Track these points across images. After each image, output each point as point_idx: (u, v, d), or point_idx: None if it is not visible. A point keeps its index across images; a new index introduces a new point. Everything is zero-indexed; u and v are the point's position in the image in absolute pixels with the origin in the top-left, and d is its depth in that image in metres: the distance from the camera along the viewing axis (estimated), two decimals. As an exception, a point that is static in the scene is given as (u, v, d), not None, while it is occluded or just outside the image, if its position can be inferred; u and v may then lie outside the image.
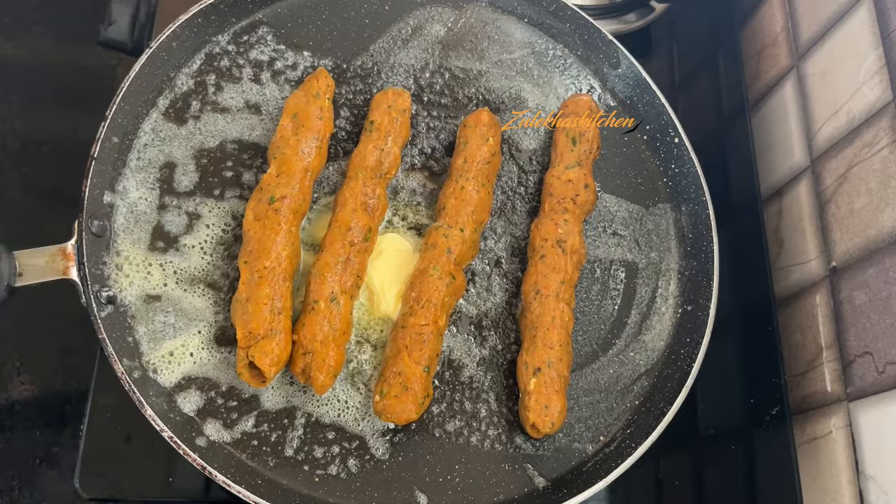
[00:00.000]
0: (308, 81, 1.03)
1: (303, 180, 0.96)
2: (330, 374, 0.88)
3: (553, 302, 0.95)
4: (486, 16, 1.18)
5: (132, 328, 0.91)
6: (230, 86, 1.06)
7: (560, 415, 0.91)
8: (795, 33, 1.20)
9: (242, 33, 1.10)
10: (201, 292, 0.95)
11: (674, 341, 1.03)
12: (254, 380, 0.87)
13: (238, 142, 1.04)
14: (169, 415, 0.87)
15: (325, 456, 0.90)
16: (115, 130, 0.97)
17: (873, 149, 0.98)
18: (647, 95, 1.14)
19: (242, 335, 0.87)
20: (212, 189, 1.01)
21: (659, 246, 1.09)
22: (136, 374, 0.87)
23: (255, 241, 0.91)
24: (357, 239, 0.94)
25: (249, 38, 1.10)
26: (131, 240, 0.95)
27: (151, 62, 1.01)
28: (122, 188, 0.97)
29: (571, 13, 1.16)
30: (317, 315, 0.89)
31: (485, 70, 1.15)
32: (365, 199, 0.97)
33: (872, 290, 0.95)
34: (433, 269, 0.95)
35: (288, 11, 1.12)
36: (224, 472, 0.84)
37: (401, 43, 1.14)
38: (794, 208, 1.15)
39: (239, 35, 1.09)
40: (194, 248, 0.97)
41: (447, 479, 0.92)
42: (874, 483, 0.91)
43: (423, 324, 0.91)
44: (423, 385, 0.89)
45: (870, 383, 0.93)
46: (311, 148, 0.98)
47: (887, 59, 0.97)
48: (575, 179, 1.03)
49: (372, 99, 1.07)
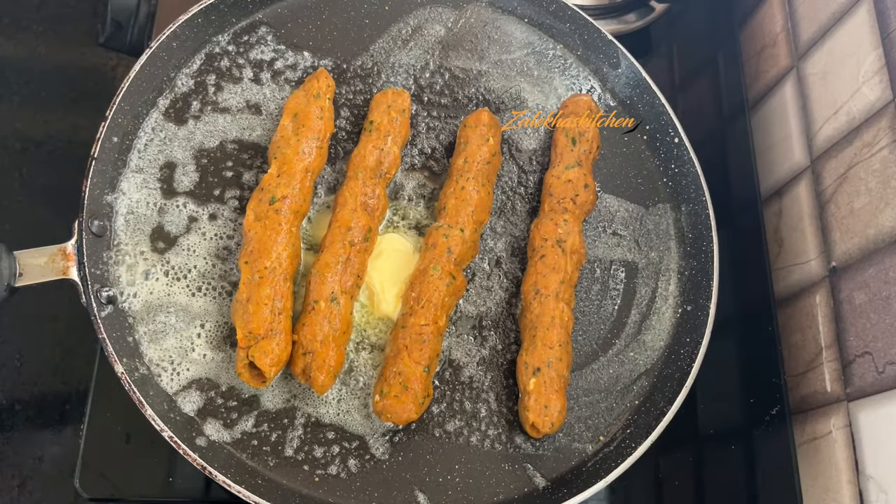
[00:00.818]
0: (308, 82, 1.03)
1: (303, 180, 0.96)
2: (330, 374, 0.88)
3: (553, 302, 0.95)
4: (486, 16, 1.18)
5: (132, 328, 0.91)
6: (230, 86, 1.06)
7: (559, 415, 0.91)
8: (795, 33, 1.20)
9: (242, 33, 1.10)
10: (201, 292, 0.95)
11: (674, 341, 1.03)
12: (254, 380, 0.87)
13: (238, 142, 1.04)
14: (169, 415, 0.87)
15: (325, 456, 0.90)
16: (115, 130, 0.97)
17: (873, 149, 0.98)
18: (647, 95, 1.14)
19: (243, 335, 0.87)
20: (212, 189, 1.01)
21: (659, 246, 1.09)
22: (136, 374, 0.87)
23: (255, 242, 0.91)
24: (357, 239, 0.94)
25: (249, 38, 1.10)
26: (131, 240, 0.95)
27: (151, 62, 1.01)
28: (122, 188, 0.97)
29: (571, 13, 1.16)
30: (317, 315, 0.89)
31: (485, 70, 1.15)
32: (365, 198, 0.97)
33: (872, 290, 0.95)
34: (433, 269, 0.95)
35: (288, 11, 1.12)
36: (224, 472, 0.84)
37: (401, 43, 1.14)
38: (794, 208, 1.15)
39: (239, 35, 1.09)
40: (194, 248, 0.97)
41: (447, 479, 0.92)
42: (874, 483, 0.91)
43: (424, 324, 0.92)
44: (423, 385, 0.90)
45: (870, 383, 0.93)
46: (312, 148, 0.98)
47: (887, 59, 0.97)
48: (574, 179, 1.03)
49: (372, 99, 1.07)
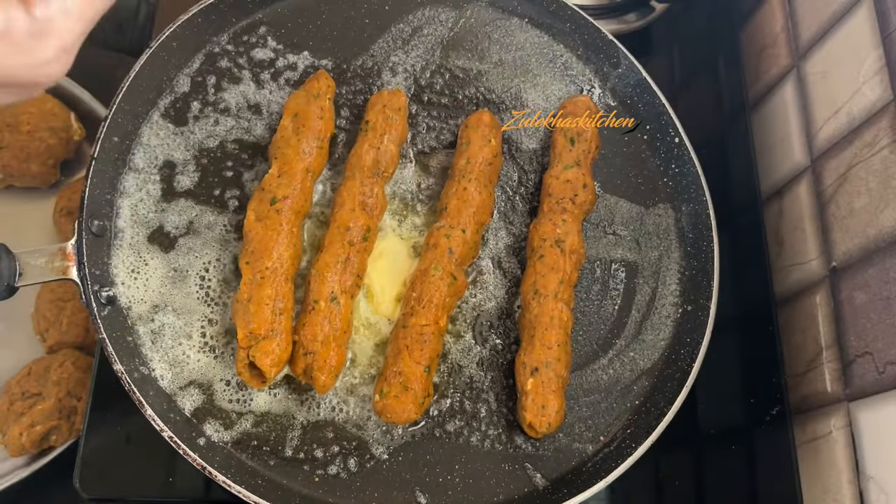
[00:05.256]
0: (309, 82, 1.03)
1: (304, 180, 0.96)
2: (331, 374, 0.88)
3: (552, 302, 0.95)
4: (486, 16, 1.18)
5: (132, 328, 0.91)
6: (230, 86, 1.06)
7: (557, 415, 0.91)
8: (795, 33, 1.20)
9: (242, 33, 1.10)
10: (201, 293, 0.95)
11: (674, 341, 1.03)
12: (254, 380, 0.87)
13: (238, 142, 1.04)
14: (169, 415, 0.87)
15: (325, 456, 0.90)
16: (115, 130, 0.97)
17: (873, 149, 0.98)
18: (647, 95, 1.14)
19: (243, 335, 0.87)
20: (212, 189, 1.01)
21: (659, 246, 1.09)
22: (135, 374, 0.87)
23: (256, 242, 0.91)
24: (356, 238, 0.94)
25: (249, 38, 1.10)
26: (131, 240, 0.95)
27: (151, 62, 1.01)
28: (122, 188, 0.97)
29: (571, 13, 1.16)
30: (317, 315, 0.89)
31: (485, 70, 1.15)
32: (363, 198, 0.97)
33: (872, 290, 0.95)
34: (434, 269, 0.95)
35: (288, 11, 1.12)
36: (224, 472, 0.84)
37: (401, 43, 1.14)
38: (794, 208, 1.15)
39: (239, 35, 1.09)
40: (194, 249, 0.97)
41: (447, 479, 0.92)
42: (874, 483, 0.91)
43: (424, 324, 0.92)
44: (424, 385, 0.89)
45: (870, 383, 0.93)
46: (312, 148, 0.98)
47: (887, 59, 0.97)
48: (573, 179, 1.03)
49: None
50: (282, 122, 1.00)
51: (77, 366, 1.14)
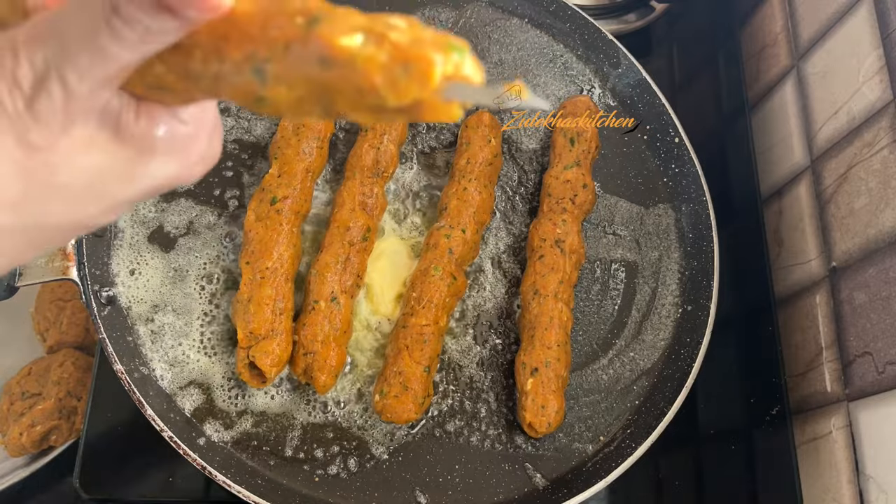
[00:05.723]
0: (308, 82, 1.03)
1: (304, 180, 0.96)
2: (331, 374, 0.89)
3: (551, 302, 0.95)
4: (486, 16, 1.18)
5: (132, 328, 0.91)
6: (230, 86, 1.06)
7: (557, 415, 0.91)
8: (795, 33, 1.20)
9: (242, 33, 1.09)
10: (202, 293, 0.95)
11: (674, 341, 1.03)
12: (254, 380, 0.87)
13: (238, 142, 1.04)
14: (169, 415, 0.87)
15: (325, 456, 0.90)
16: (116, 130, 0.97)
17: (873, 149, 0.98)
18: (647, 95, 1.14)
19: (243, 335, 0.87)
20: (212, 189, 1.01)
21: (659, 246, 1.09)
22: (136, 374, 0.87)
23: (256, 242, 0.91)
24: (356, 238, 0.94)
25: (249, 38, 1.09)
26: (131, 240, 0.95)
27: (151, 62, 1.01)
28: (122, 188, 0.97)
29: (571, 13, 1.16)
30: (317, 315, 0.89)
31: (485, 70, 1.15)
32: (363, 198, 0.97)
33: (872, 290, 0.95)
34: (434, 269, 0.95)
35: (288, 11, 1.12)
36: (224, 472, 0.84)
37: (401, 43, 1.14)
38: (794, 208, 1.15)
39: (239, 35, 1.09)
40: (194, 249, 0.97)
41: (447, 479, 0.92)
42: (874, 483, 0.91)
43: (424, 324, 0.92)
44: (424, 385, 0.90)
45: (870, 383, 0.93)
46: (312, 148, 0.98)
47: (887, 59, 0.97)
48: (573, 179, 1.03)
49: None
50: (282, 122, 1.00)
51: (77, 366, 1.14)
